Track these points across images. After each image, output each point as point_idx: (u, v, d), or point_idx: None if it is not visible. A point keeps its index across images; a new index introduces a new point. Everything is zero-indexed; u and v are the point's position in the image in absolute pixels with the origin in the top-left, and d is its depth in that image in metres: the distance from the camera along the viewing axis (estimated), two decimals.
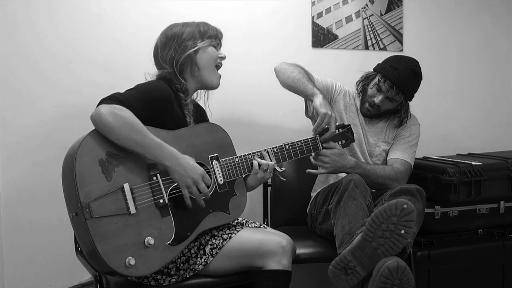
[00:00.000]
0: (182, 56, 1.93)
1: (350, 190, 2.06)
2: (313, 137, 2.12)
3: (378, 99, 2.35)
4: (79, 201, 1.61)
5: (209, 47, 1.98)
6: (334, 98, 2.49)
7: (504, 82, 3.27)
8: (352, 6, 2.91)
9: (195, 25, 1.99)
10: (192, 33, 1.96)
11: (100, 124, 1.67)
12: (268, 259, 1.84)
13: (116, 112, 1.66)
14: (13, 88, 2.38)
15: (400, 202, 1.81)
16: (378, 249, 1.82)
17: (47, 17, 2.42)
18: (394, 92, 2.31)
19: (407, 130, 2.46)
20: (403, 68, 2.29)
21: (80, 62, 2.47)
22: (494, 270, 2.47)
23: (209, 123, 2.02)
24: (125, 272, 1.65)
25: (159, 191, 1.76)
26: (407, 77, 2.29)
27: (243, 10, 2.73)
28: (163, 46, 1.96)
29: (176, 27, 1.98)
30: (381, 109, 2.38)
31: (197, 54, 1.96)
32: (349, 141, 2.23)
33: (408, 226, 1.82)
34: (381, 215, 1.81)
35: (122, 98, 1.71)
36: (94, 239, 1.61)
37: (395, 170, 2.33)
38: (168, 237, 1.75)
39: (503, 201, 2.52)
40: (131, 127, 1.68)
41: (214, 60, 2.00)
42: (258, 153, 1.99)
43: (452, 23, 3.13)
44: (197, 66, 1.97)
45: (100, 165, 1.67)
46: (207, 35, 1.98)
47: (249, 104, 2.77)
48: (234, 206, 1.94)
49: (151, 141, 1.71)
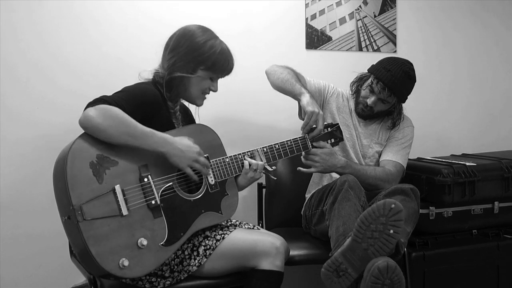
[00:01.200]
0: (178, 72, 1.91)
1: (344, 191, 2.06)
2: (302, 136, 2.13)
3: (370, 100, 2.36)
4: (71, 203, 1.61)
5: (206, 80, 1.96)
6: (326, 100, 2.49)
7: (498, 83, 3.28)
8: (345, 7, 2.92)
9: (212, 54, 1.91)
10: (203, 60, 1.91)
11: (90, 127, 1.67)
12: (261, 259, 1.84)
13: (103, 112, 1.67)
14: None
15: (388, 202, 1.81)
16: (368, 249, 1.82)
17: (47, 17, 2.42)
18: (387, 94, 2.31)
19: (400, 132, 2.46)
20: (396, 70, 2.29)
21: (77, 63, 2.48)
22: (489, 271, 2.47)
23: (199, 124, 2.02)
24: (119, 273, 1.65)
25: (151, 192, 1.76)
26: (399, 79, 2.29)
27: (236, 12, 2.73)
28: (172, 48, 1.93)
29: (194, 39, 1.91)
30: (374, 110, 2.39)
31: (191, 78, 1.93)
32: (338, 140, 2.23)
33: (397, 226, 1.82)
34: (370, 215, 1.81)
35: (109, 100, 1.71)
36: (87, 242, 1.60)
37: (386, 171, 2.33)
38: (161, 238, 1.75)
39: (497, 201, 2.52)
40: (121, 122, 1.68)
41: (203, 90, 1.99)
42: (249, 153, 2.00)
43: (446, 24, 3.14)
44: (185, 87, 1.94)
45: (91, 168, 1.67)
46: (214, 70, 1.95)
47: (242, 104, 2.77)
48: (226, 206, 1.94)
49: (143, 131, 1.72)
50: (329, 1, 2.88)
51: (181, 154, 1.77)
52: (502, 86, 3.29)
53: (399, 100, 2.38)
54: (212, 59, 1.92)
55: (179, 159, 1.78)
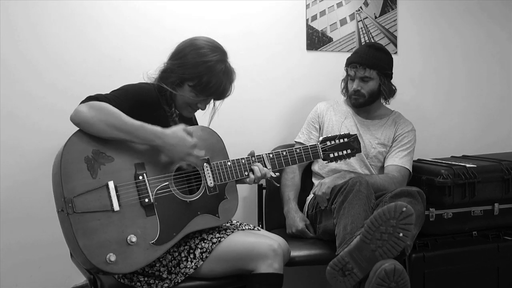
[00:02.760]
0: (164, 83, 1.90)
1: (356, 191, 2.07)
2: (314, 145, 2.06)
3: (354, 84, 2.45)
4: (63, 196, 1.63)
5: (194, 96, 1.92)
6: (322, 120, 2.56)
7: (498, 83, 3.28)
8: (346, 8, 2.92)
9: (211, 78, 1.88)
10: (198, 78, 1.88)
11: (80, 121, 1.69)
12: (259, 263, 1.83)
13: (92, 106, 1.69)
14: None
15: (399, 205, 1.82)
16: (376, 251, 1.82)
17: (46, 18, 2.41)
18: (361, 71, 2.42)
19: (404, 136, 2.50)
20: (361, 48, 2.54)
21: (75, 64, 2.47)
22: (489, 272, 2.47)
23: (202, 126, 2.01)
24: (106, 268, 1.65)
25: (145, 191, 1.76)
26: (367, 53, 2.44)
27: (237, 13, 2.72)
28: (174, 55, 1.92)
29: (201, 57, 1.88)
30: (363, 93, 2.45)
31: (178, 89, 1.92)
32: (354, 151, 2.12)
33: (407, 229, 1.82)
34: (380, 217, 1.81)
35: (101, 97, 1.73)
36: (75, 234, 1.62)
37: (390, 176, 2.37)
38: (152, 237, 1.75)
39: (497, 203, 2.52)
40: (109, 116, 1.69)
41: (190, 104, 1.96)
42: (253, 158, 1.97)
43: (446, 25, 3.14)
44: (172, 95, 1.93)
45: (85, 162, 1.68)
46: (204, 93, 1.91)
47: (244, 108, 2.76)
48: (224, 210, 1.92)
49: (132, 124, 1.72)
50: (330, 2, 2.88)
51: (172, 149, 1.76)
52: (501, 88, 3.29)
53: (380, 71, 2.44)
54: (203, 80, 1.88)
55: (171, 154, 1.77)
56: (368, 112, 2.56)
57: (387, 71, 2.48)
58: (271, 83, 2.80)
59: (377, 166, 2.51)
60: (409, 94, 3.05)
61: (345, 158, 2.10)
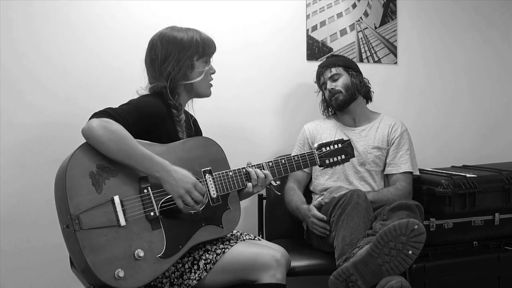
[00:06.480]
0: (179, 73, 1.93)
1: (354, 203, 2.08)
2: (310, 151, 2.06)
3: (328, 86, 2.54)
4: (69, 212, 1.62)
5: (204, 67, 1.98)
6: (313, 140, 2.57)
7: (498, 94, 3.28)
8: (346, 19, 2.93)
9: (197, 42, 1.95)
10: (194, 51, 1.94)
11: (91, 137, 1.69)
12: (262, 273, 1.82)
13: (106, 125, 1.68)
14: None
15: (411, 222, 1.80)
16: (383, 266, 1.80)
17: (45, 23, 2.43)
18: (328, 72, 2.54)
19: (399, 139, 2.50)
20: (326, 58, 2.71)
21: (76, 72, 2.48)
22: (490, 282, 2.46)
23: (203, 137, 2.01)
24: (115, 284, 1.64)
25: (150, 204, 1.76)
26: (327, 59, 2.65)
27: (238, 23, 2.74)
28: (163, 59, 1.93)
29: (178, 40, 1.93)
30: (339, 89, 2.51)
31: (192, 72, 1.96)
32: (348, 156, 2.12)
33: (417, 248, 1.81)
34: (390, 232, 1.79)
35: (113, 113, 1.73)
36: (83, 251, 1.61)
37: (398, 188, 2.40)
38: (159, 250, 1.74)
39: (498, 213, 2.52)
40: (121, 140, 1.69)
41: (208, 76, 2.01)
42: (253, 167, 1.97)
43: (446, 36, 3.15)
44: (191, 83, 1.97)
45: (90, 178, 1.68)
46: (205, 54, 1.98)
47: (244, 117, 2.77)
48: (228, 220, 1.92)
49: (141, 153, 1.72)
50: (330, 13, 2.90)
51: (174, 183, 1.75)
52: (502, 98, 3.30)
53: (344, 67, 2.53)
54: (201, 46, 1.95)
55: (171, 187, 1.76)
56: (354, 119, 2.58)
57: (353, 67, 2.57)
58: (272, 93, 2.81)
59: (376, 171, 2.51)
60: (409, 104, 3.06)
61: (340, 164, 2.10)
